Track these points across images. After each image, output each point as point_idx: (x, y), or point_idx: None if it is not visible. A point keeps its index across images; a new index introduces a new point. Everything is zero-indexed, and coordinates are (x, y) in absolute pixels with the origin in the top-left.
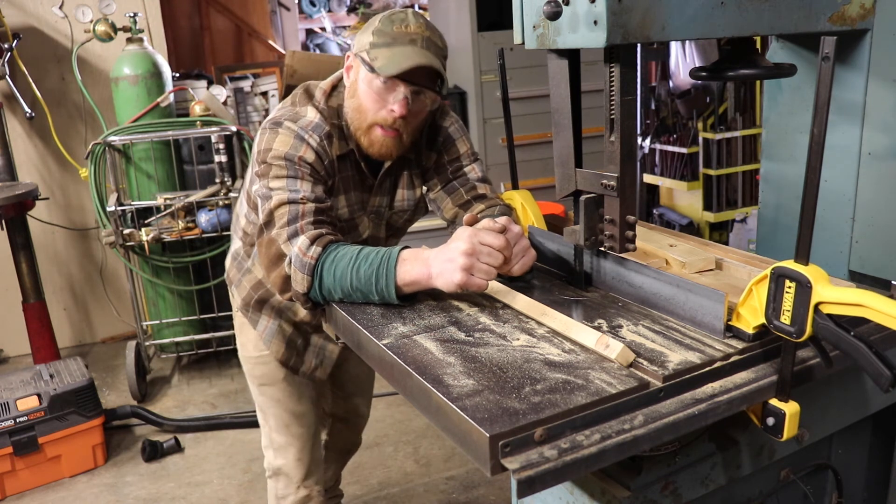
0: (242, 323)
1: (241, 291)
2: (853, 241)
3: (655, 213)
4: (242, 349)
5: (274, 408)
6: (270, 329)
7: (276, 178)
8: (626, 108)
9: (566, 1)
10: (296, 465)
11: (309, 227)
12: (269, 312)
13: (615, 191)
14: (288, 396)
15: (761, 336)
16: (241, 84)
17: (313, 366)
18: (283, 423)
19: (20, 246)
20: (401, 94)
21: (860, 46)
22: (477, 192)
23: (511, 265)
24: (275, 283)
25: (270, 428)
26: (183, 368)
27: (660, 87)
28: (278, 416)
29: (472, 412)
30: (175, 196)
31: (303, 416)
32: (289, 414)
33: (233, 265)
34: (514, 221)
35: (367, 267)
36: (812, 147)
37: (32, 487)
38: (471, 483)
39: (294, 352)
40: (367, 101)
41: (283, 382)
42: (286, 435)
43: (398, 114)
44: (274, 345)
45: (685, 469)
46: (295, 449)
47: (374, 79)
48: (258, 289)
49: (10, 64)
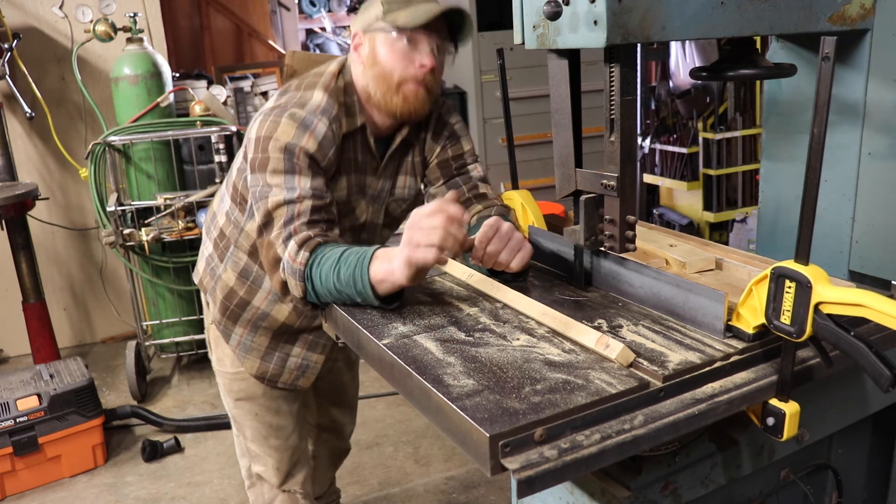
0: (217, 336)
1: (214, 301)
2: (853, 241)
3: (655, 213)
4: (219, 364)
5: (251, 422)
6: (244, 344)
7: (273, 172)
8: (626, 108)
9: (566, 1)
10: (275, 473)
11: (302, 229)
12: (244, 325)
13: (615, 191)
14: (266, 411)
15: (761, 336)
16: (241, 84)
17: (294, 377)
18: (261, 436)
19: (20, 246)
20: (426, 47)
21: (860, 46)
22: (478, 191)
23: (507, 261)
24: (276, 287)
25: (246, 438)
26: (183, 368)
27: (660, 87)
28: (255, 429)
29: (472, 412)
30: (175, 196)
31: (281, 428)
32: (266, 427)
33: (206, 271)
34: (511, 220)
35: (346, 270)
36: (812, 147)
37: (32, 487)
38: (471, 483)
39: (270, 365)
40: (392, 62)
41: (261, 398)
42: (264, 447)
43: (428, 66)
44: (248, 361)
45: (685, 469)
46: (273, 459)
47: (397, 40)
48: (231, 298)
49: (10, 64)
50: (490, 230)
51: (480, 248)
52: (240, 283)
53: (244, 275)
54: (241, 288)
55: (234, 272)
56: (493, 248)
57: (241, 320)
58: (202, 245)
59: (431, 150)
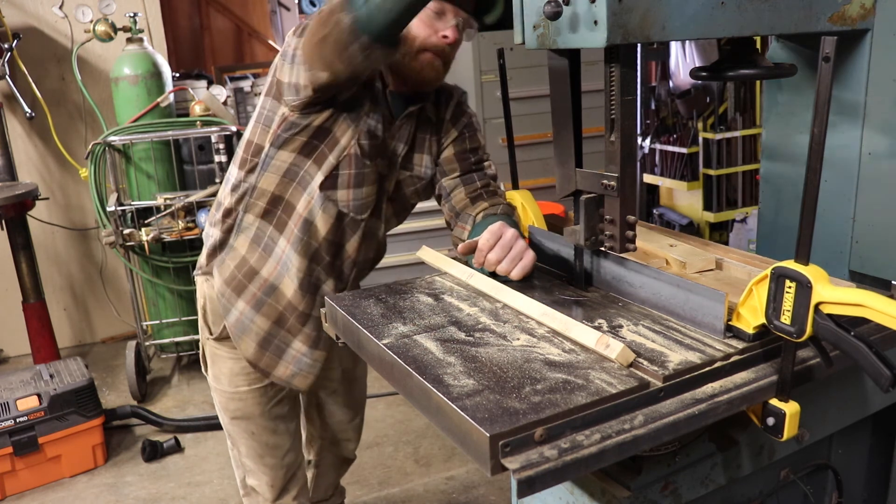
0: (215, 353)
1: (221, 273)
2: (853, 241)
3: (655, 213)
4: (215, 381)
5: (247, 440)
6: (242, 323)
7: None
8: (626, 108)
9: (566, 1)
10: (269, 489)
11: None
12: (248, 299)
13: (615, 191)
14: (262, 430)
15: (761, 336)
16: (241, 84)
17: (291, 373)
18: (256, 454)
19: (20, 246)
20: (452, 20)
21: (860, 46)
22: (489, 188)
23: (508, 270)
24: (318, 60)
25: (241, 454)
26: (183, 368)
27: (660, 87)
28: (251, 447)
29: (472, 412)
30: (175, 196)
31: (278, 447)
32: (262, 445)
33: (212, 256)
34: (515, 222)
35: None
36: (812, 147)
37: (32, 487)
38: (471, 483)
39: (266, 352)
40: (416, 27)
41: (259, 417)
42: (259, 464)
43: (451, 38)
44: (244, 342)
45: (685, 469)
46: (268, 477)
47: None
48: (241, 266)
49: (10, 64)
50: (493, 237)
51: (481, 254)
52: (251, 250)
53: (256, 241)
54: (252, 255)
55: (246, 238)
56: (495, 257)
57: (246, 293)
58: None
59: (448, 132)
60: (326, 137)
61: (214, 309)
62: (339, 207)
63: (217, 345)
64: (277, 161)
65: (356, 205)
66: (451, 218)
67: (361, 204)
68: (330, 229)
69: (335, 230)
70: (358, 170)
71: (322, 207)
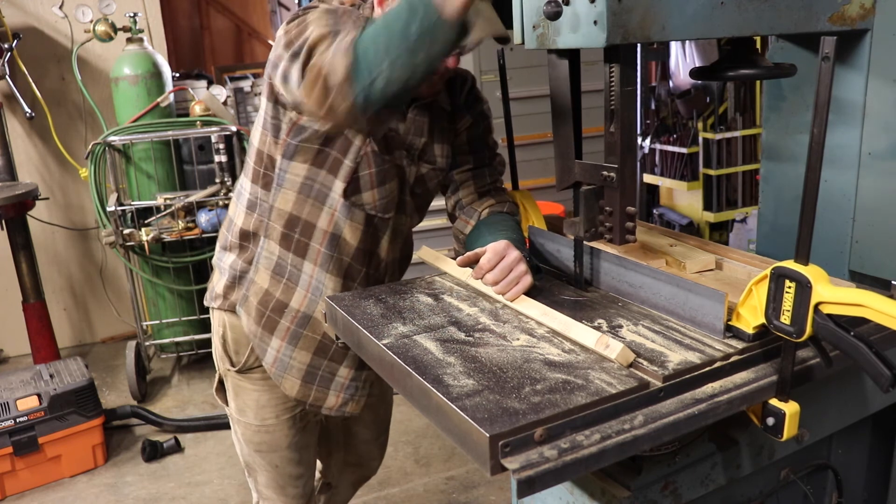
0: (238, 385)
1: (248, 312)
2: (853, 241)
3: (655, 213)
4: (240, 414)
5: (270, 472)
6: (282, 361)
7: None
8: (626, 99)
9: (566, 1)
10: None
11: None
12: (282, 335)
13: (615, 182)
14: (287, 462)
15: (761, 336)
16: (240, 84)
17: (342, 401)
18: (278, 486)
19: (20, 246)
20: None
21: (860, 46)
22: (497, 184)
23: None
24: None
25: (259, 482)
26: (183, 368)
27: (660, 87)
28: (273, 479)
29: (472, 412)
30: (175, 196)
31: (300, 477)
32: (286, 477)
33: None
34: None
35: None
36: (812, 147)
37: (32, 487)
38: (471, 483)
39: (312, 387)
40: None
41: (285, 450)
42: (280, 495)
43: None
44: (287, 381)
45: (685, 469)
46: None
47: None
48: (266, 303)
49: (10, 64)
50: (495, 257)
51: (481, 271)
52: (274, 283)
53: (278, 271)
54: (276, 288)
55: (266, 270)
56: (493, 278)
57: (279, 329)
58: (217, 262)
59: (462, 118)
60: (338, 141)
61: (237, 339)
62: (367, 210)
63: (240, 377)
64: (291, 175)
65: (382, 203)
66: (454, 210)
67: (387, 202)
68: (360, 237)
69: (365, 236)
70: (379, 167)
71: (349, 216)
